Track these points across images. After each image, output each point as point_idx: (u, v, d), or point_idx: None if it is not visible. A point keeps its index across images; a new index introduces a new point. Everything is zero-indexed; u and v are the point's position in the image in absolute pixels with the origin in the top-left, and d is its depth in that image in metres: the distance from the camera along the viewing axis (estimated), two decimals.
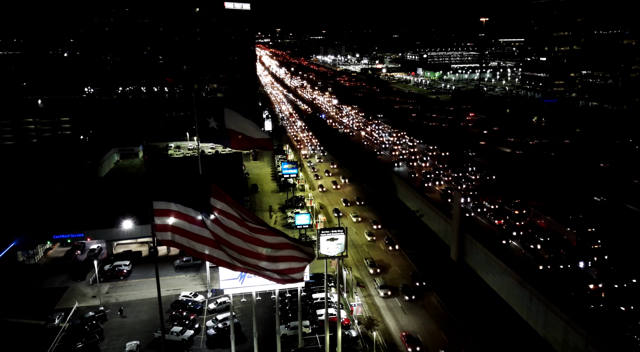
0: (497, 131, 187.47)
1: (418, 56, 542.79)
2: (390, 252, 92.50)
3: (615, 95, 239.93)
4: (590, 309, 62.80)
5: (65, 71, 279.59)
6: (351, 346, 63.23)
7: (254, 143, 51.88)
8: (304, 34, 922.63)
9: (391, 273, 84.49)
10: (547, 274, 71.89)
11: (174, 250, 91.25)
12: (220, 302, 72.23)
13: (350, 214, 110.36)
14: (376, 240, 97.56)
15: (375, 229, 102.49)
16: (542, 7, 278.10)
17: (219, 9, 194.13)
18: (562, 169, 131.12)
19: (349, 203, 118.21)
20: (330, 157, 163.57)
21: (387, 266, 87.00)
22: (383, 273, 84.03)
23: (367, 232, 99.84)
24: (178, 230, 24.02)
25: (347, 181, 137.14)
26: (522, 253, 78.72)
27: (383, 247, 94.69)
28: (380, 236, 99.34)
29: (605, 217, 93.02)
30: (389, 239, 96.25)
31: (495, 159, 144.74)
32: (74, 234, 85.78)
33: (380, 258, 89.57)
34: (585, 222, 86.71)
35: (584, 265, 73.19)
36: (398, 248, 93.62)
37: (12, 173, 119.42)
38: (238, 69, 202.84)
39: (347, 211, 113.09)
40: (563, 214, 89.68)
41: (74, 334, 64.77)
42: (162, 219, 24.31)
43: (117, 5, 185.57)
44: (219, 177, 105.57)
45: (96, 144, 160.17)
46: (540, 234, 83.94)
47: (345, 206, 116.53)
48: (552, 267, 73.72)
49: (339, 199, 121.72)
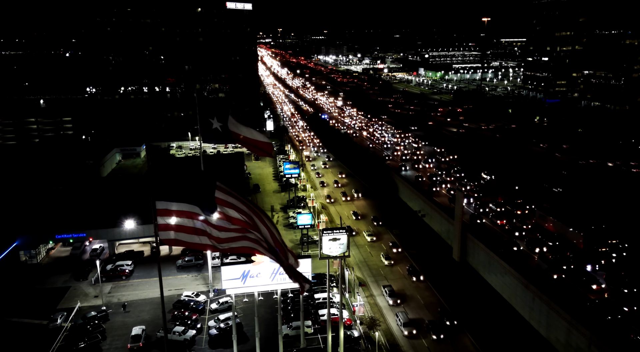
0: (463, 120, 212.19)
1: (420, 56, 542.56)
2: (415, 283, 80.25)
3: (618, 95, 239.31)
4: (594, 310, 62.64)
5: (67, 71, 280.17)
6: (353, 346, 63.14)
7: (256, 144, 51.97)
8: (306, 34, 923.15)
9: (414, 305, 74.02)
10: (561, 283, 69.75)
11: (176, 250, 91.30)
12: (222, 302, 72.20)
13: (363, 231, 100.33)
14: (395, 264, 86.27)
15: (395, 253, 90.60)
16: (544, 7, 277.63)
17: (221, 9, 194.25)
18: (568, 170, 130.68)
19: (360, 217, 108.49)
20: (338, 163, 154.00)
21: (410, 297, 76.22)
22: (404, 304, 74.20)
23: (384, 255, 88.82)
24: (183, 228, 24.13)
25: (360, 195, 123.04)
26: (535, 260, 76.81)
27: (402, 272, 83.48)
28: (399, 260, 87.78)
29: (614, 219, 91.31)
30: (412, 268, 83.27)
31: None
32: (76, 233, 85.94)
33: (400, 287, 78.69)
34: (592, 224, 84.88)
35: (592, 268, 72.20)
36: (423, 279, 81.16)
37: (15, 173, 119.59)
38: (240, 69, 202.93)
39: (360, 227, 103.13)
40: (570, 216, 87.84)
41: (76, 333, 64.80)
42: (164, 219, 24.40)
43: (119, 5, 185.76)
44: (221, 177, 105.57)
45: (98, 143, 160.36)
46: (546, 236, 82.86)
47: (355, 219, 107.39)
48: (565, 274, 71.53)
49: (349, 212, 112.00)
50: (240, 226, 24.32)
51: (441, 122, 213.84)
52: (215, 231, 24.51)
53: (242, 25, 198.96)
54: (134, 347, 62.50)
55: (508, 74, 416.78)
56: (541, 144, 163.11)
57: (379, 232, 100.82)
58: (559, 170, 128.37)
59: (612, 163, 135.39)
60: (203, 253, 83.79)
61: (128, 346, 62.80)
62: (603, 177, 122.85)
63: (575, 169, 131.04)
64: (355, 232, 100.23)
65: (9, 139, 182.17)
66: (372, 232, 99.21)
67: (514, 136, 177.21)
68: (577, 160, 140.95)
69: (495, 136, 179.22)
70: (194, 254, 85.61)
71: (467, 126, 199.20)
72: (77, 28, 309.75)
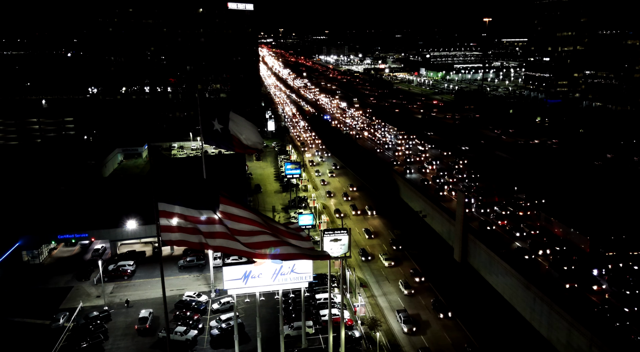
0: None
1: (421, 56, 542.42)
2: (441, 321, 69.51)
3: (619, 95, 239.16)
4: (595, 311, 62.67)
5: (69, 71, 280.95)
6: (354, 346, 63.28)
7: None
8: (307, 34, 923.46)
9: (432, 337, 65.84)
10: (574, 293, 67.68)
11: (178, 250, 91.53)
12: (223, 302, 72.37)
13: (379, 253, 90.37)
14: (415, 294, 76.16)
15: (416, 282, 79.69)
16: (545, 7, 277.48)
17: (222, 10, 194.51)
18: (575, 170, 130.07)
19: (373, 235, 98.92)
20: (346, 171, 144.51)
21: (432, 332, 67.14)
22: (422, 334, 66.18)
23: (402, 283, 78.25)
24: (185, 229, 24.34)
25: (374, 213, 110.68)
26: (547, 269, 74.80)
27: (424, 303, 73.19)
28: (421, 291, 76.99)
29: (622, 222, 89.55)
30: (438, 302, 72.55)
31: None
32: (79, 234, 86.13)
33: (424, 321, 69.46)
34: (600, 228, 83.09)
35: (598, 272, 71.34)
36: (451, 315, 70.23)
37: (17, 173, 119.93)
38: (241, 69, 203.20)
39: (374, 249, 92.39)
40: (576, 220, 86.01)
41: (79, 333, 65.03)
42: (166, 220, 24.60)
43: (121, 6, 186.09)
44: (223, 177, 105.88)
45: (100, 144, 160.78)
46: (552, 240, 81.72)
47: (368, 238, 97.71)
48: (577, 282, 69.32)
49: (360, 228, 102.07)
50: (249, 225, 24.59)
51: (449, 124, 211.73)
52: (217, 231, 24.68)
53: (243, 25, 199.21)
54: (140, 328, 66.36)
55: (509, 74, 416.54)
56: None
57: (397, 256, 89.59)
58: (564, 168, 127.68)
59: (611, 164, 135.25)
60: (205, 253, 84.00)
61: (135, 327, 66.60)
62: (609, 179, 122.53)
63: (582, 170, 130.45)
64: (370, 257, 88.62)
65: (11, 139, 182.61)
66: (389, 256, 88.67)
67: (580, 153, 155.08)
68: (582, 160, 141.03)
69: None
70: (196, 254, 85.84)
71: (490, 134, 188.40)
72: (78, 28, 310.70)
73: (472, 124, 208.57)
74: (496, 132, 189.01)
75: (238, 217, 24.14)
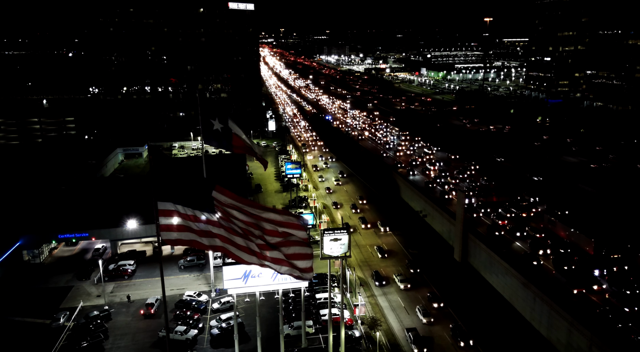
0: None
1: (422, 56, 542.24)
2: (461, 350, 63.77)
3: (620, 95, 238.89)
4: (596, 312, 62.60)
5: (70, 71, 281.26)
6: (354, 346, 63.33)
7: (251, 153, 54.29)
8: (308, 34, 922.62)
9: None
10: (582, 298, 66.27)
11: (178, 250, 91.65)
12: (224, 302, 72.46)
13: (393, 274, 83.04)
14: (435, 323, 69.12)
15: (435, 308, 72.68)
16: (546, 7, 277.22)
17: (223, 9, 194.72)
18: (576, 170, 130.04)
19: (386, 254, 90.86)
20: (353, 180, 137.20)
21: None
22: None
23: (420, 309, 71.19)
24: (184, 228, 24.43)
25: (387, 229, 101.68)
26: (553, 274, 73.37)
27: (444, 334, 66.70)
28: (441, 319, 70.02)
29: (626, 223, 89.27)
30: (457, 329, 66.28)
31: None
32: (79, 233, 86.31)
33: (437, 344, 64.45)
34: (604, 229, 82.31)
35: (600, 273, 70.75)
36: (473, 344, 64.01)
37: (18, 173, 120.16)
38: (242, 69, 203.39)
39: (387, 269, 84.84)
40: (580, 221, 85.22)
41: (79, 333, 65.12)
42: (166, 219, 24.68)
43: (122, 6, 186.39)
44: (223, 177, 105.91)
45: (101, 143, 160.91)
46: (555, 241, 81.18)
47: (381, 257, 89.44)
48: (583, 286, 68.09)
49: (371, 246, 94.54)
50: (243, 225, 24.55)
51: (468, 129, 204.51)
52: (218, 231, 24.73)
53: (244, 25, 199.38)
54: (146, 312, 69.85)
55: (510, 74, 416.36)
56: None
57: (414, 277, 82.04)
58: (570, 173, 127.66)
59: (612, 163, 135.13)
60: (205, 253, 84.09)
61: (141, 312, 70.40)
62: (615, 180, 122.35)
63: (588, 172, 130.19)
64: (384, 282, 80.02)
65: (12, 139, 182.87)
66: (405, 277, 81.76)
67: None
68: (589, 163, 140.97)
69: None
70: (196, 254, 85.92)
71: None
72: (80, 28, 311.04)
73: (445, 115, 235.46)
74: (463, 121, 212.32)
75: (234, 213, 24.11)
